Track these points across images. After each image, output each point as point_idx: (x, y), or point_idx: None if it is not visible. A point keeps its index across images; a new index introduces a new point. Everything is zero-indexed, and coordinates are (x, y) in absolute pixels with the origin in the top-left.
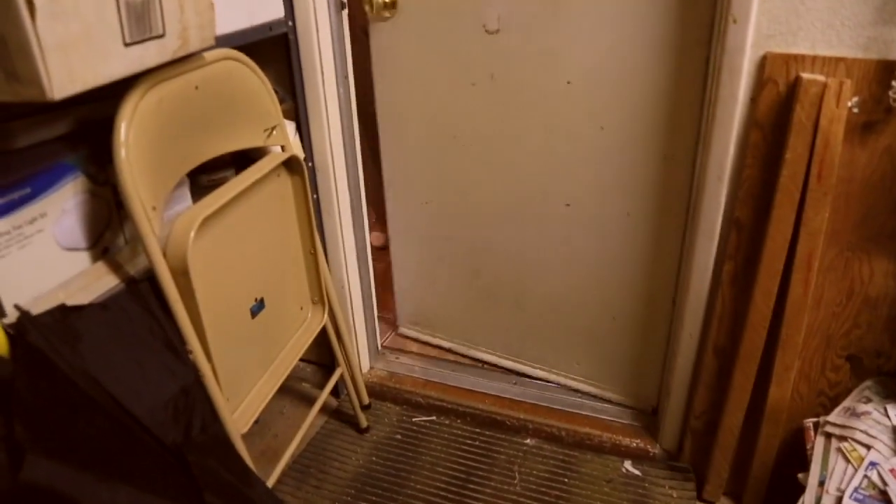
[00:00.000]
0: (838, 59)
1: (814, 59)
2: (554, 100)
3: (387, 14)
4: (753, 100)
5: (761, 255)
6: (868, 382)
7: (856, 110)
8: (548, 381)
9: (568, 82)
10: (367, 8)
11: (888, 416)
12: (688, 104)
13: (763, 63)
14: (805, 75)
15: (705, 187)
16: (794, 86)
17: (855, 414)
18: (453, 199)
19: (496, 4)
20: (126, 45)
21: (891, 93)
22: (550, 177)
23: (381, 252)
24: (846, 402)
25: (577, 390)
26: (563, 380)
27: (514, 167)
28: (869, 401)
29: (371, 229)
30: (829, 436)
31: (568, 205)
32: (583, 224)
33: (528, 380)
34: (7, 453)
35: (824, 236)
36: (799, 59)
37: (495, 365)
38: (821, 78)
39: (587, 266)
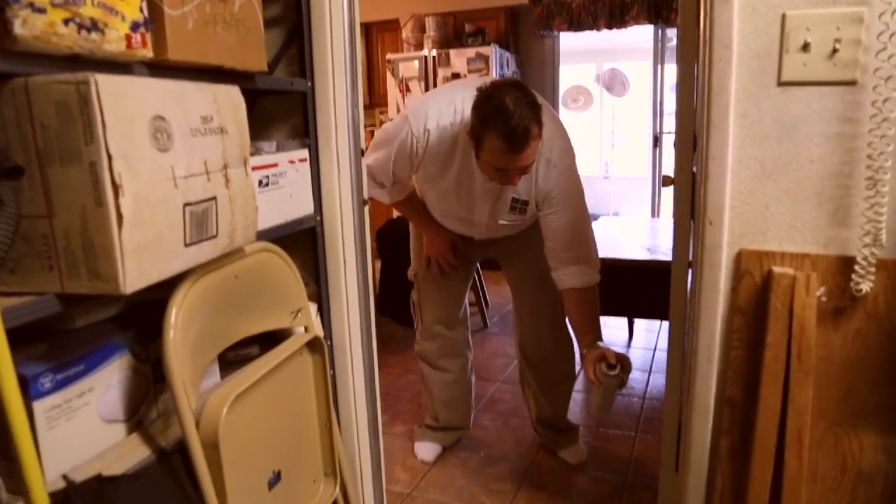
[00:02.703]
0: (804, 255)
1: (783, 254)
2: None
3: None
4: (734, 289)
5: (755, 431)
6: None
7: (824, 299)
8: None
9: None
10: None
11: None
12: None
13: (739, 258)
14: (776, 269)
15: (697, 368)
16: (768, 278)
17: None
18: None
19: None
20: (186, 245)
21: (852, 284)
22: None
23: (389, 427)
24: None
25: None
26: None
27: None
28: None
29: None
30: None
31: None
32: None
33: None
34: None
35: (812, 412)
36: (770, 255)
37: None
38: (790, 271)
39: None
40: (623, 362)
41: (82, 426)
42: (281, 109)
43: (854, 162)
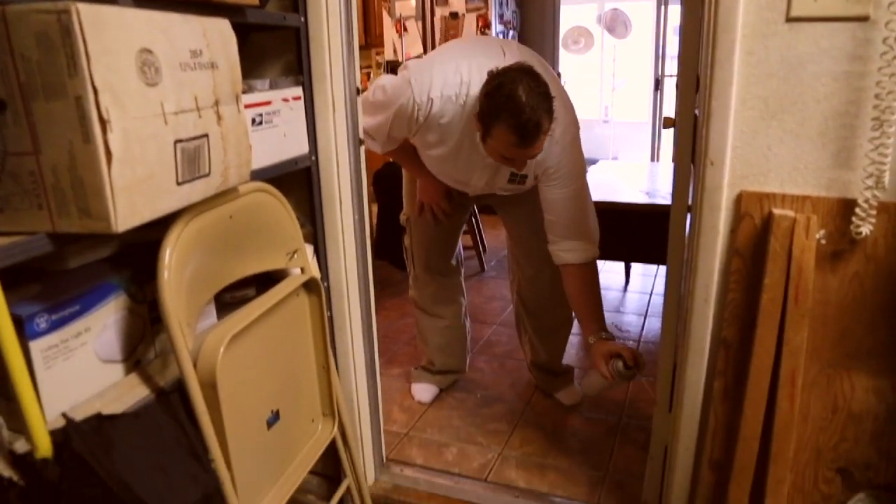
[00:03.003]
0: (805, 197)
1: (783, 196)
2: None
3: None
4: (733, 231)
5: (749, 372)
6: (861, 495)
7: (823, 241)
8: (552, 495)
9: None
10: None
11: None
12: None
13: (739, 199)
14: (777, 211)
15: (693, 309)
16: (768, 220)
17: None
18: None
19: None
20: (179, 183)
21: (852, 227)
22: None
23: (387, 369)
24: None
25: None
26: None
27: None
28: None
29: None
30: None
31: None
32: None
33: (531, 493)
34: None
35: (806, 354)
36: (770, 197)
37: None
38: (791, 213)
39: None
40: (638, 360)
41: (80, 366)
42: (273, 46)
43: (861, 102)
